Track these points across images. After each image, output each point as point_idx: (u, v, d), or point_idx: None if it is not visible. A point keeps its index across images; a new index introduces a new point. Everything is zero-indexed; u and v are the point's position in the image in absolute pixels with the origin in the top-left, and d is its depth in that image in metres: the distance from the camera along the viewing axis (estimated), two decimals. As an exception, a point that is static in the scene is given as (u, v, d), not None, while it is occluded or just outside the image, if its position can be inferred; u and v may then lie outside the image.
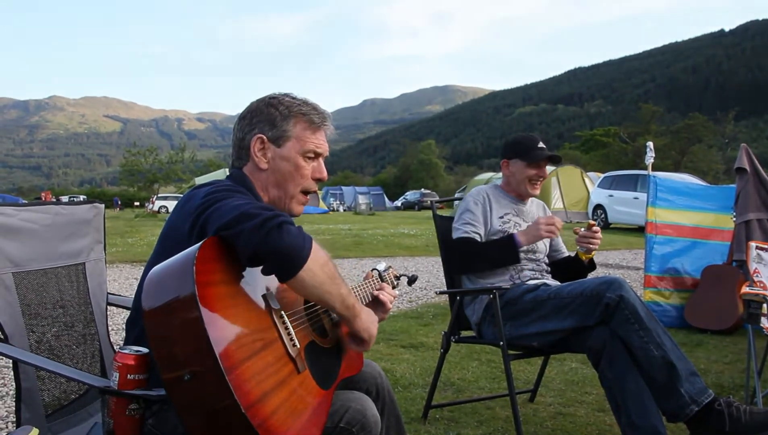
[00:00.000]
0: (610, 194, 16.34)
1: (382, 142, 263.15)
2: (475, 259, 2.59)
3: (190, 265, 1.09)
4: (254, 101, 1.54)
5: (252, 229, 1.14)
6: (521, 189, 2.75)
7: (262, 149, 1.48)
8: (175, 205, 1.44)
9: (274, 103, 1.50)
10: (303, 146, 1.49)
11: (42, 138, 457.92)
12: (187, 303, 1.05)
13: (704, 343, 4.39)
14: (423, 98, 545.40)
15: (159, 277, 1.13)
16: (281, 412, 1.12)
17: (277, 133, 1.48)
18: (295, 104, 1.51)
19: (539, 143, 2.73)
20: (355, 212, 32.23)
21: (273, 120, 1.48)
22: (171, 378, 1.05)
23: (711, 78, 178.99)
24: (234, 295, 1.17)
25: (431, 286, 7.16)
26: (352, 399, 1.40)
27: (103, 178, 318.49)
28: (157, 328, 1.08)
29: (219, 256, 1.16)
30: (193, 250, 1.11)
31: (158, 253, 1.36)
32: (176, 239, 1.30)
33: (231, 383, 1.02)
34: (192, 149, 44.52)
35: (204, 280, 1.08)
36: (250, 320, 1.17)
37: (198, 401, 1.05)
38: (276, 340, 1.21)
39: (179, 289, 1.08)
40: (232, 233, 1.16)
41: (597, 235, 2.65)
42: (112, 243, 11.93)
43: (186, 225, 1.30)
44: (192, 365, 1.04)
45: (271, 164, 1.48)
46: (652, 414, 2.07)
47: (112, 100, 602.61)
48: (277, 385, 1.15)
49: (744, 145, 4.58)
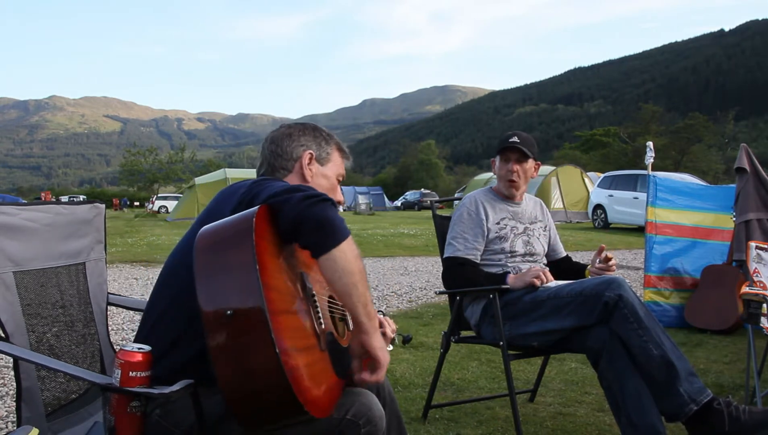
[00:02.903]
0: (610, 194, 16.34)
1: (382, 142, 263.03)
2: (463, 285, 2.60)
3: (250, 218, 1.16)
4: (296, 123, 1.73)
5: (300, 198, 1.24)
6: (501, 187, 2.76)
7: (310, 163, 1.65)
8: (213, 199, 1.50)
9: (318, 129, 1.72)
10: (338, 169, 1.72)
11: (42, 138, 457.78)
12: (243, 247, 1.12)
13: (704, 343, 4.39)
14: (423, 98, 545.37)
15: (216, 228, 1.21)
16: (305, 371, 1.16)
17: (323, 153, 1.68)
18: (331, 135, 1.74)
19: (512, 137, 2.70)
20: (355, 212, 32.23)
21: (319, 142, 1.69)
22: (212, 314, 1.10)
23: (711, 78, 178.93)
24: (280, 257, 1.24)
25: (431, 286, 7.16)
26: (357, 393, 1.43)
27: (103, 178, 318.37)
28: (209, 269, 1.13)
29: (272, 223, 1.24)
30: (253, 210, 1.20)
31: (190, 237, 1.39)
32: (217, 217, 1.34)
33: (270, 325, 1.07)
34: (192, 149, 44.59)
35: (259, 234, 1.15)
36: (291, 284, 1.24)
37: (234, 342, 1.09)
38: (308, 311, 1.28)
39: (238, 236, 1.15)
40: (280, 199, 1.25)
41: (612, 265, 2.57)
42: (112, 243, 11.93)
43: (227, 208, 1.36)
44: (237, 302, 1.09)
45: (314, 179, 1.65)
46: (651, 413, 2.07)
47: (112, 100, 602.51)
48: (304, 348, 1.20)
49: (744, 145, 4.58)
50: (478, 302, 2.64)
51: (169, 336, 1.36)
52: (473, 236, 2.64)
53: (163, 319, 1.40)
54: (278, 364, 1.06)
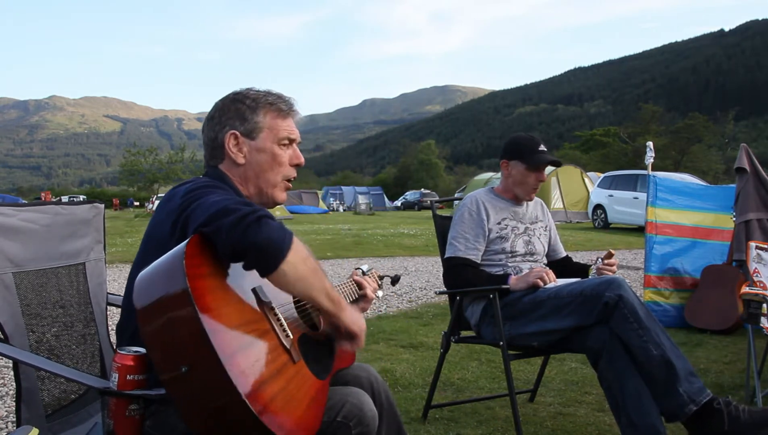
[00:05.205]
0: (610, 194, 16.34)
1: (381, 142, 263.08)
2: (464, 285, 2.60)
3: (179, 260, 1.09)
4: (219, 100, 1.55)
5: (231, 224, 1.14)
6: (518, 191, 2.73)
7: (236, 145, 1.50)
8: (157, 205, 1.45)
9: (240, 98, 1.52)
10: (277, 135, 1.52)
11: (42, 138, 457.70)
12: (179, 297, 1.06)
13: (704, 343, 4.39)
14: (423, 98, 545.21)
15: (149, 277, 1.13)
16: (280, 399, 1.12)
17: (249, 126, 1.50)
18: (261, 96, 1.53)
19: (540, 146, 2.69)
20: (355, 212, 32.23)
21: (242, 114, 1.50)
22: (168, 373, 1.05)
23: (711, 78, 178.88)
24: (224, 288, 1.18)
25: (431, 286, 7.15)
26: (349, 394, 1.40)
27: (103, 178, 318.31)
28: (151, 326, 1.08)
29: (206, 252, 1.17)
30: (182, 247, 1.12)
31: (143, 253, 1.36)
32: (159, 240, 1.31)
33: (229, 371, 1.02)
34: (192, 149, 44.53)
35: (194, 273, 1.09)
36: (242, 311, 1.18)
37: (197, 394, 1.05)
38: (269, 331, 1.21)
39: (171, 285, 1.08)
40: (211, 229, 1.16)
41: (613, 265, 2.59)
42: (112, 243, 11.94)
43: (167, 225, 1.31)
44: (189, 357, 1.04)
45: (248, 157, 1.50)
46: (651, 413, 2.07)
47: (112, 100, 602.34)
48: (273, 374, 1.15)
49: (744, 144, 4.58)
50: (478, 302, 2.64)
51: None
52: (474, 236, 2.64)
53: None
54: (248, 411, 1.03)
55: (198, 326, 1.03)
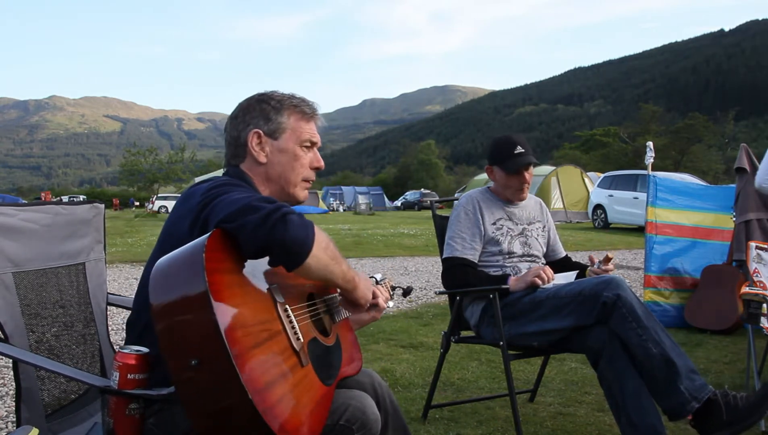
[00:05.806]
0: (610, 194, 16.34)
1: (381, 142, 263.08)
2: (463, 285, 2.60)
3: (199, 252, 1.09)
4: (243, 100, 1.57)
5: (256, 222, 1.14)
6: (506, 193, 2.75)
7: (259, 143, 1.51)
8: (174, 204, 1.45)
9: (265, 99, 1.54)
10: (299, 136, 1.54)
11: (42, 138, 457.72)
12: (196, 289, 1.06)
13: (704, 343, 4.39)
14: (423, 98, 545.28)
15: (167, 267, 1.13)
16: (286, 401, 1.12)
17: (273, 126, 1.52)
18: (286, 98, 1.55)
19: (517, 148, 2.66)
20: (355, 212, 32.23)
21: (267, 114, 1.52)
22: (177, 366, 1.05)
23: (711, 78, 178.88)
24: (241, 285, 1.18)
25: (431, 286, 7.15)
26: (352, 397, 1.40)
27: (103, 178, 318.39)
28: (166, 318, 1.08)
29: (226, 247, 1.17)
30: (203, 240, 1.12)
31: (160, 252, 1.34)
32: (178, 237, 1.29)
33: (238, 368, 1.02)
34: (192, 149, 44.54)
35: (213, 267, 1.09)
36: (256, 310, 1.18)
37: (204, 390, 1.05)
38: (280, 332, 1.22)
39: (189, 277, 1.08)
40: (235, 226, 1.16)
41: (610, 271, 2.58)
42: (112, 243, 11.94)
43: (186, 222, 1.31)
44: (199, 351, 1.05)
45: (270, 157, 1.52)
46: (651, 413, 2.07)
47: (112, 100, 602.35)
48: (281, 376, 1.15)
49: (744, 145, 4.58)
50: (477, 302, 2.64)
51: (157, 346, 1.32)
52: (471, 236, 2.65)
53: (150, 328, 1.36)
54: (254, 411, 1.02)
55: (212, 320, 1.04)
